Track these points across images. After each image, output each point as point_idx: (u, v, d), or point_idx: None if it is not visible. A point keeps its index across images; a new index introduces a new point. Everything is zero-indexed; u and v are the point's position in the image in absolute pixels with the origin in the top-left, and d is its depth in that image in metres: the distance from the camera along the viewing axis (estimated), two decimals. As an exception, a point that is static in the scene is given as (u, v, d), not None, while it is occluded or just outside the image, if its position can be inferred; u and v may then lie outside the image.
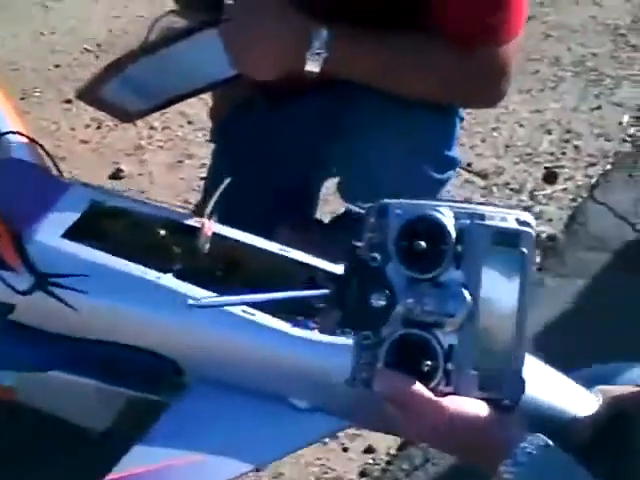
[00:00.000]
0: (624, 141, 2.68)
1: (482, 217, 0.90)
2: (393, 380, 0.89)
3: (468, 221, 0.90)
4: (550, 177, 2.54)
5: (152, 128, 2.47)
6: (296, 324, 1.30)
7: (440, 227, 0.89)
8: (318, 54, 1.46)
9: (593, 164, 2.58)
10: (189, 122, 2.52)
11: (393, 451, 1.80)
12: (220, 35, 1.45)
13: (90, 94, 1.64)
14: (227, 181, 1.42)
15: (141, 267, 1.36)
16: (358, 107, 1.64)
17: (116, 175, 2.39)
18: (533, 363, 1.13)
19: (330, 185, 1.89)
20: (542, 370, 1.16)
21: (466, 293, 0.89)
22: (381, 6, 1.54)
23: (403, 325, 0.89)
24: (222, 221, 1.44)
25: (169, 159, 2.45)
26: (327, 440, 1.79)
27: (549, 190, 2.48)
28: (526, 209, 2.38)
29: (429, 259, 0.89)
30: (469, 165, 2.53)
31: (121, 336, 1.36)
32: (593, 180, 2.53)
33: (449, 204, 0.91)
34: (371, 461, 1.81)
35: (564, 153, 2.63)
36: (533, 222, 0.91)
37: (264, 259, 1.42)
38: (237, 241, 1.42)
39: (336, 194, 1.80)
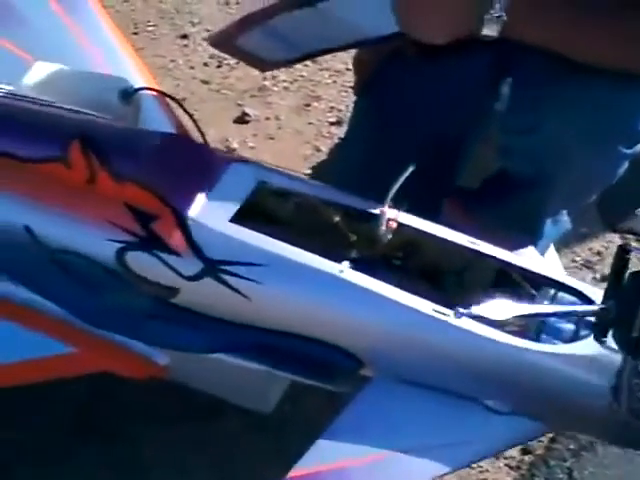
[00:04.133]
0: None
1: None
2: None
3: None
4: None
5: (275, 68, 2.36)
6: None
7: None
8: (498, 17, 1.35)
9: None
10: (314, 61, 2.41)
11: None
12: None
13: (227, 42, 1.57)
14: (410, 169, 1.33)
15: (319, 258, 1.29)
16: (530, 67, 1.51)
17: (242, 119, 2.29)
18: None
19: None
20: None
21: None
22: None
23: None
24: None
25: (295, 101, 2.34)
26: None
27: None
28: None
29: None
30: None
31: (295, 327, 1.30)
32: None
33: None
34: (533, 437, 1.72)
35: None
36: None
37: (448, 249, 1.34)
38: (421, 231, 1.34)
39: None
